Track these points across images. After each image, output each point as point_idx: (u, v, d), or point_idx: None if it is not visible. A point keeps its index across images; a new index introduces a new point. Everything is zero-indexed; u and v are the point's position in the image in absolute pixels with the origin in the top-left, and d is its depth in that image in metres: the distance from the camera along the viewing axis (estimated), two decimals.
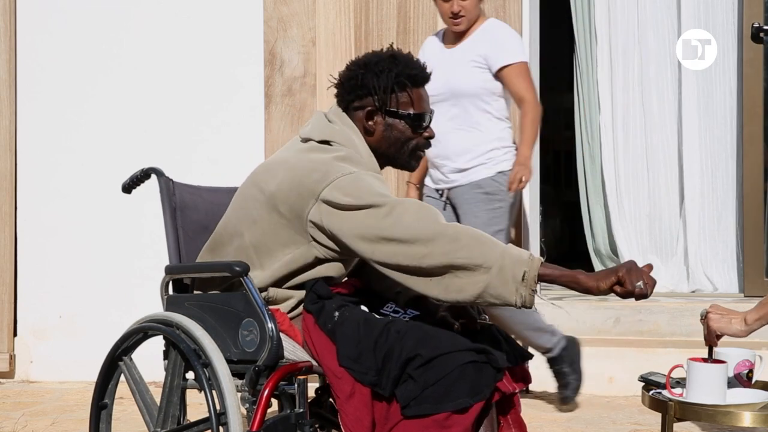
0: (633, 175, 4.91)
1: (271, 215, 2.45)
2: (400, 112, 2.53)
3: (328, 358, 2.37)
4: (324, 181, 2.38)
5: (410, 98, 2.54)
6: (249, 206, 2.50)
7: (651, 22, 4.86)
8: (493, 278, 2.23)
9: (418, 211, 2.32)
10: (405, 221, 2.30)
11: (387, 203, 2.34)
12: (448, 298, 2.29)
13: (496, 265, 2.23)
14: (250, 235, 2.49)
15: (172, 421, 2.53)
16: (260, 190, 2.48)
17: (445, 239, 2.26)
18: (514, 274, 2.23)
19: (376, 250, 2.32)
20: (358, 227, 2.34)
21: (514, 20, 4.51)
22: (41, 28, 4.85)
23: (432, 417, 2.24)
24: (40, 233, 4.85)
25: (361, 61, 2.56)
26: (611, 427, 3.83)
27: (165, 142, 4.74)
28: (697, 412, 2.31)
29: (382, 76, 2.51)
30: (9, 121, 4.84)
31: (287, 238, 2.45)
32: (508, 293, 2.24)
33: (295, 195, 2.41)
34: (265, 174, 2.51)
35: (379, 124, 2.54)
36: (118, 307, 4.65)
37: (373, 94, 2.52)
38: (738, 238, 4.75)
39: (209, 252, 2.61)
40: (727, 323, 2.41)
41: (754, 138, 4.67)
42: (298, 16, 4.68)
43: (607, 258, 5.04)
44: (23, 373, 4.86)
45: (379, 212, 2.33)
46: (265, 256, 2.48)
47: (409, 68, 2.54)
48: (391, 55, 2.56)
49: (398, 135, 2.55)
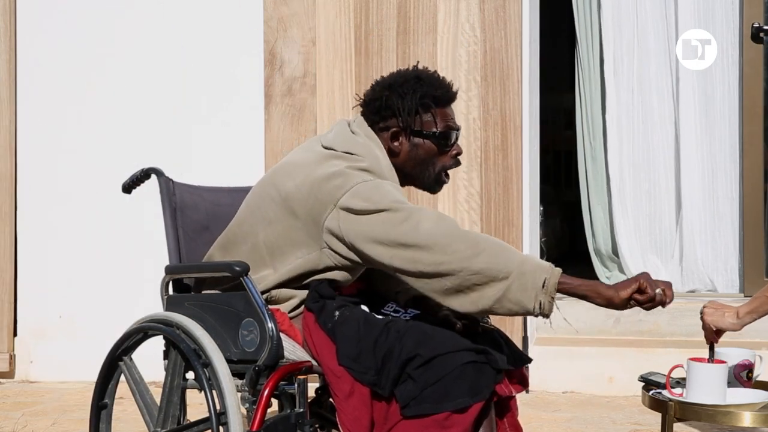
0: (634, 174, 4.91)
1: (286, 217, 2.44)
2: (425, 131, 2.52)
3: (328, 357, 2.37)
4: (343, 188, 2.38)
5: (434, 117, 2.53)
6: (265, 206, 2.49)
7: (651, 22, 4.86)
8: (512, 283, 2.23)
9: (437, 218, 2.32)
10: (424, 227, 2.29)
11: (405, 209, 2.33)
12: (465, 308, 2.28)
13: (517, 270, 2.23)
14: (264, 234, 2.48)
15: (172, 421, 2.53)
16: (277, 191, 2.47)
17: (465, 245, 2.26)
18: (534, 280, 2.22)
19: (395, 256, 2.31)
20: (376, 231, 2.33)
21: (514, 20, 4.51)
22: (41, 28, 4.85)
23: (431, 417, 2.24)
24: (40, 233, 4.85)
25: (386, 82, 2.56)
26: (611, 427, 3.83)
27: (165, 142, 4.73)
28: (697, 412, 2.31)
29: (406, 98, 2.50)
30: (9, 121, 4.84)
31: (300, 241, 2.44)
32: (527, 299, 2.23)
33: (314, 199, 2.40)
34: (283, 175, 2.49)
35: (405, 144, 2.53)
36: (118, 307, 4.65)
37: (397, 116, 2.51)
38: (738, 238, 4.75)
39: (221, 249, 2.59)
40: (720, 317, 2.44)
41: (754, 138, 4.67)
42: (298, 16, 4.68)
43: (607, 258, 5.04)
44: (23, 373, 4.86)
45: (397, 217, 2.32)
46: (277, 257, 2.47)
47: (433, 89, 2.53)
48: (416, 75, 2.54)
49: (424, 155, 2.54)
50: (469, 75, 4.53)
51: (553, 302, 2.25)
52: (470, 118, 4.48)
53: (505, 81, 4.52)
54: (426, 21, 4.57)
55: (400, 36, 4.59)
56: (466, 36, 4.54)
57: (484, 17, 4.52)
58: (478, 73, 4.52)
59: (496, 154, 4.53)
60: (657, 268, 4.88)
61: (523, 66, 4.53)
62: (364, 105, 2.58)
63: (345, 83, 4.60)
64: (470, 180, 4.48)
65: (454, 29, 4.54)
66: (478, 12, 4.52)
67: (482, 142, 4.49)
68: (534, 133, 4.68)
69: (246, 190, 2.94)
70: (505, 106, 4.52)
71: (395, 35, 4.59)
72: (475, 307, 2.28)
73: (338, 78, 4.61)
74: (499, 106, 4.52)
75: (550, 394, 4.34)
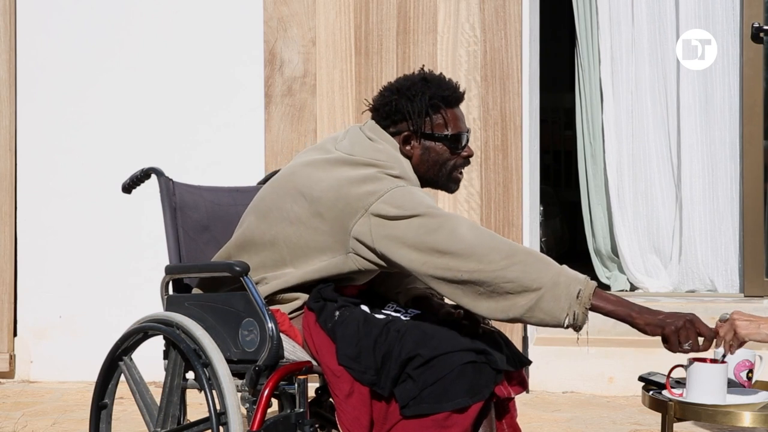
0: (634, 174, 4.91)
1: (311, 219, 2.42)
2: (436, 134, 2.51)
3: (328, 356, 2.37)
4: (375, 194, 2.36)
5: (445, 119, 2.52)
6: (287, 207, 2.46)
7: (651, 22, 4.86)
8: (545, 293, 2.21)
9: (471, 226, 2.30)
10: (459, 234, 2.27)
11: (439, 215, 2.31)
12: (495, 315, 2.26)
13: (551, 281, 2.21)
14: (285, 235, 2.46)
15: (172, 421, 2.53)
16: (301, 194, 2.44)
17: (501, 254, 2.24)
18: (569, 291, 2.21)
19: (428, 262, 2.29)
20: (410, 237, 2.30)
21: (514, 20, 4.51)
22: (41, 28, 4.85)
23: (431, 417, 2.24)
24: (40, 233, 4.85)
25: (394, 87, 2.55)
26: (611, 427, 3.83)
27: (165, 142, 4.74)
28: (697, 412, 2.31)
29: (415, 101, 2.50)
30: (9, 121, 4.84)
31: (325, 244, 2.42)
32: (559, 310, 2.21)
33: (343, 204, 2.38)
34: (305, 177, 2.46)
35: (416, 148, 2.52)
36: (118, 307, 4.66)
37: (407, 119, 2.51)
38: (738, 238, 4.75)
39: (238, 249, 2.57)
40: (756, 328, 2.38)
41: (754, 138, 4.67)
42: (298, 16, 4.68)
43: (607, 258, 5.04)
44: (23, 373, 4.86)
45: (431, 223, 2.30)
46: (299, 258, 2.45)
47: (441, 89, 2.53)
48: (422, 78, 2.54)
49: (436, 157, 2.53)
50: (469, 75, 4.53)
51: (587, 314, 2.22)
52: (470, 118, 4.48)
53: (505, 81, 4.52)
54: (426, 21, 4.57)
55: (400, 36, 4.59)
56: (466, 36, 4.54)
57: (484, 17, 4.53)
58: (478, 73, 4.52)
59: (496, 154, 4.53)
60: (657, 268, 4.88)
61: (523, 66, 4.53)
62: (374, 110, 2.57)
63: (345, 83, 4.60)
64: (470, 180, 4.48)
65: (454, 29, 4.55)
66: (478, 12, 4.52)
67: (482, 142, 4.49)
68: (534, 133, 4.68)
69: (246, 190, 2.94)
70: (505, 106, 4.53)
71: (395, 35, 4.59)
72: (505, 315, 2.26)
73: (338, 78, 4.61)
74: (499, 106, 4.53)
75: (550, 394, 4.34)
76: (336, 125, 4.59)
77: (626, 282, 4.93)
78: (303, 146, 4.63)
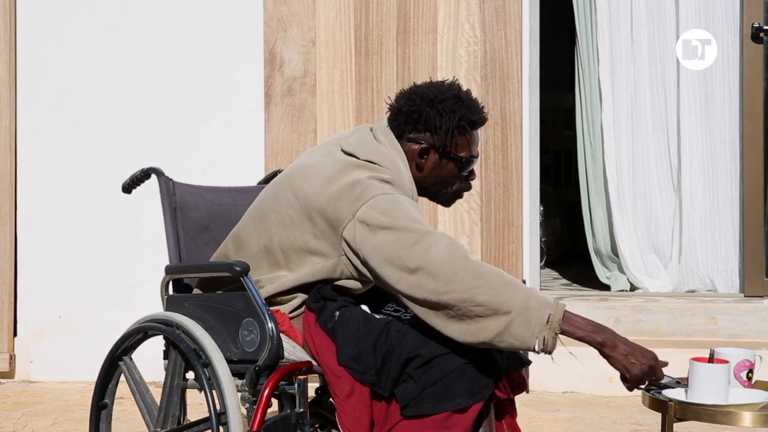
0: (634, 174, 4.91)
1: (304, 223, 2.42)
2: (454, 155, 2.52)
3: (328, 357, 2.37)
4: (362, 199, 2.35)
5: (467, 142, 2.53)
6: (282, 209, 2.47)
7: (651, 22, 4.86)
8: (515, 318, 2.19)
9: (447, 245, 2.27)
10: (432, 252, 2.25)
11: (419, 231, 2.29)
12: (464, 339, 2.24)
13: (521, 305, 2.20)
14: (280, 237, 2.46)
15: (172, 421, 2.53)
16: (295, 196, 2.45)
17: (469, 275, 2.22)
18: (539, 316, 2.19)
19: (402, 279, 2.27)
20: (387, 251, 2.29)
21: (514, 20, 4.52)
22: (41, 28, 4.85)
23: (431, 417, 2.24)
24: (40, 233, 4.85)
25: (426, 95, 2.51)
26: (611, 427, 3.83)
27: (165, 142, 4.74)
28: (697, 412, 2.31)
29: (445, 117, 2.48)
30: (9, 121, 4.84)
31: (317, 247, 2.42)
32: (529, 335, 2.19)
33: (333, 208, 2.38)
34: (301, 179, 2.46)
35: (430, 161, 2.52)
36: (118, 307, 4.66)
37: (432, 132, 2.50)
38: (738, 238, 4.75)
39: (235, 249, 2.58)
40: None
41: (754, 138, 4.67)
42: (298, 16, 4.68)
43: (607, 258, 5.04)
44: (23, 373, 4.86)
45: (407, 238, 2.28)
46: (293, 261, 2.46)
47: (471, 112, 2.52)
48: (455, 95, 2.52)
49: (446, 175, 2.53)
50: (469, 75, 4.53)
51: (556, 338, 2.21)
52: None
53: (505, 81, 4.53)
54: (426, 21, 4.57)
55: (400, 36, 4.59)
56: (466, 36, 4.54)
57: (484, 17, 4.53)
58: (478, 73, 4.52)
59: (496, 153, 4.53)
60: (657, 268, 4.88)
61: (523, 66, 4.53)
62: (397, 112, 2.54)
63: (345, 83, 4.60)
64: None
65: (454, 29, 4.55)
66: (478, 12, 4.53)
67: (482, 141, 4.49)
68: (534, 133, 4.68)
69: (246, 190, 2.94)
70: (505, 106, 4.53)
71: (395, 35, 4.59)
72: (475, 338, 2.23)
73: (338, 78, 4.61)
74: (499, 106, 4.53)
75: (550, 394, 4.34)
76: (336, 125, 4.59)
77: (626, 282, 4.92)
78: (303, 146, 4.63)
